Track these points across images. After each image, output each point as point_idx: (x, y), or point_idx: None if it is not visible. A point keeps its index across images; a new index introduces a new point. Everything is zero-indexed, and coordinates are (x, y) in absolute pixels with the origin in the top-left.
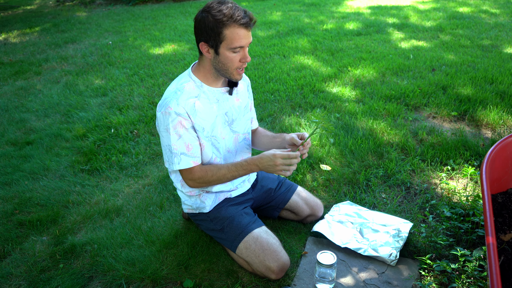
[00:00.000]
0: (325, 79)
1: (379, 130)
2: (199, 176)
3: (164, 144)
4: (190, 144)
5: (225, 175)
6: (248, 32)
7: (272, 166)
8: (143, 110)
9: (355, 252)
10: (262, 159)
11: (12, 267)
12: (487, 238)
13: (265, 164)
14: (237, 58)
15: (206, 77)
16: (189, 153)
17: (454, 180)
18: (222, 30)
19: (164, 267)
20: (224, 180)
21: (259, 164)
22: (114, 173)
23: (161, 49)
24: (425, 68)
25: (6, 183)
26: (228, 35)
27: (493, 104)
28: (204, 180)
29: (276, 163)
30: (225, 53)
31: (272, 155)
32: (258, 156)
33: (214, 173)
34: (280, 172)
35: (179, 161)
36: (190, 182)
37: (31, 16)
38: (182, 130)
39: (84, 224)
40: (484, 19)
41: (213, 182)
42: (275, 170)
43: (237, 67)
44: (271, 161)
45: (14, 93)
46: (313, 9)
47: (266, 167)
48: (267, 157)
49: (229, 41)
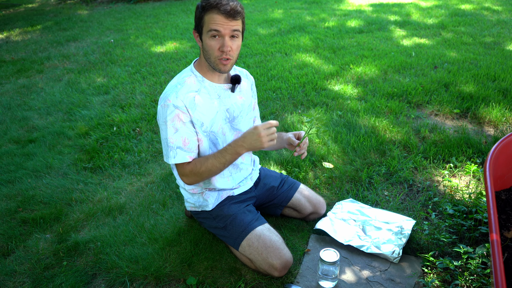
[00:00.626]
0: (327, 76)
1: (381, 128)
2: (190, 169)
3: (162, 137)
4: (187, 139)
5: (213, 164)
6: (227, 21)
7: (258, 140)
8: (145, 108)
9: (358, 250)
10: (245, 137)
11: (16, 264)
12: (491, 235)
13: (250, 140)
14: (216, 45)
15: (205, 71)
16: (185, 148)
17: (457, 177)
18: (203, 16)
19: (167, 265)
20: (214, 169)
21: (244, 143)
22: (117, 171)
23: (163, 47)
24: (427, 66)
25: (9, 181)
26: (206, 20)
27: (495, 102)
28: (195, 173)
29: (260, 134)
30: (206, 40)
31: (253, 128)
32: (240, 136)
33: (203, 163)
34: (267, 143)
35: (174, 155)
36: (184, 178)
37: (33, 14)
38: (179, 124)
39: (87, 222)
40: (486, 16)
41: (204, 174)
42: (262, 143)
43: (217, 55)
44: (255, 135)
45: (16, 91)
46: (314, 7)
47: (251, 142)
48: (249, 133)
49: (206, 25)
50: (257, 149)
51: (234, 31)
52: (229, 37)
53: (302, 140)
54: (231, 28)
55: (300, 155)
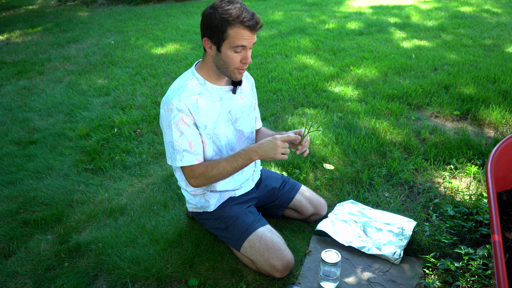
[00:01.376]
0: (327, 78)
1: (381, 130)
2: (200, 172)
3: (166, 140)
4: (192, 141)
5: (225, 167)
6: (252, 35)
7: (273, 150)
8: (146, 109)
9: (359, 251)
10: (262, 144)
11: (17, 265)
12: (493, 236)
13: (266, 148)
14: (238, 58)
15: (209, 75)
16: (192, 150)
17: (457, 179)
18: (226, 29)
19: (169, 266)
20: (225, 173)
21: (259, 150)
22: (118, 172)
23: (163, 49)
24: (427, 68)
25: (10, 182)
26: (231, 34)
27: (495, 103)
28: (205, 176)
29: (277, 144)
30: (226, 51)
31: (273, 137)
32: (256, 144)
33: (214, 166)
34: (280, 155)
35: (181, 158)
36: (192, 180)
37: (33, 16)
38: (184, 127)
39: (89, 223)
40: (486, 19)
41: (214, 177)
42: (276, 153)
43: (237, 67)
44: (272, 144)
45: (17, 92)
46: (314, 9)
47: (266, 151)
48: (267, 142)
49: (231, 40)
50: (269, 159)
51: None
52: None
53: (304, 138)
54: (253, 42)
55: (302, 153)
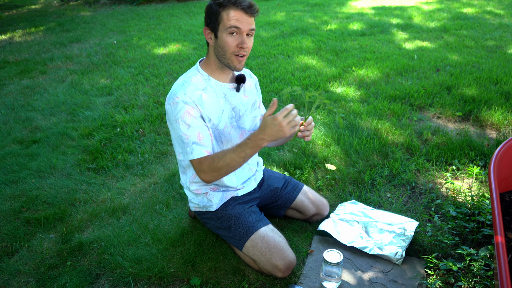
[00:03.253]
0: (329, 79)
1: (383, 130)
2: (207, 165)
3: (175, 136)
4: (200, 133)
5: (232, 158)
6: (247, 17)
7: (280, 130)
8: (148, 109)
9: (361, 251)
10: (265, 129)
11: (20, 264)
12: (496, 237)
13: (272, 131)
14: (234, 42)
15: (212, 70)
16: (201, 142)
17: (459, 179)
18: (220, 12)
19: (171, 265)
20: (233, 164)
21: (265, 136)
22: (120, 172)
23: (166, 49)
24: (430, 69)
25: (13, 181)
26: (224, 16)
27: (497, 105)
28: (213, 168)
29: (281, 124)
30: (222, 36)
31: (272, 118)
32: (259, 129)
33: (220, 158)
34: (290, 131)
35: (191, 151)
36: (201, 174)
37: (36, 15)
38: (191, 119)
39: (91, 222)
40: (489, 20)
41: (223, 169)
42: (285, 132)
43: (234, 51)
44: (276, 126)
45: (20, 92)
46: (317, 9)
47: (273, 134)
48: (269, 124)
49: (225, 22)
50: (280, 138)
51: (251, 30)
52: (245, 34)
53: (306, 119)
54: (249, 27)
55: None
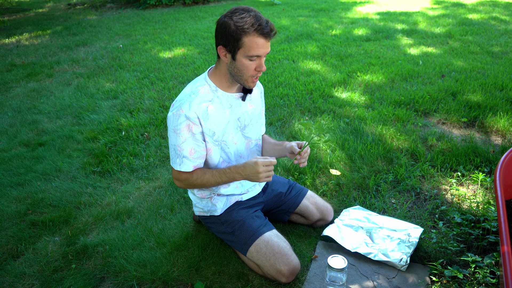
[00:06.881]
0: (334, 84)
1: (388, 136)
2: (185, 178)
3: (170, 143)
4: (193, 149)
5: (208, 180)
6: (267, 43)
7: (255, 174)
8: (153, 113)
9: (365, 257)
10: (245, 167)
11: (25, 266)
12: (502, 248)
13: (248, 173)
14: (253, 66)
15: (221, 82)
16: (191, 158)
17: (464, 186)
18: (241, 37)
19: (175, 269)
20: (207, 185)
21: (242, 173)
22: (125, 175)
23: (171, 53)
24: (435, 74)
25: (19, 184)
26: (246, 42)
27: (503, 111)
28: (188, 182)
29: (258, 170)
30: (241, 60)
31: (254, 163)
32: (241, 165)
33: (199, 176)
34: (263, 179)
35: (180, 163)
36: (176, 181)
37: (43, 19)
38: (189, 135)
39: (96, 225)
40: (494, 26)
41: (197, 186)
42: (259, 179)
43: (252, 75)
44: (254, 169)
45: (26, 94)
46: (322, 15)
47: (249, 175)
48: (249, 166)
49: (247, 49)
50: (252, 181)
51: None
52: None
53: (303, 149)
54: (267, 51)
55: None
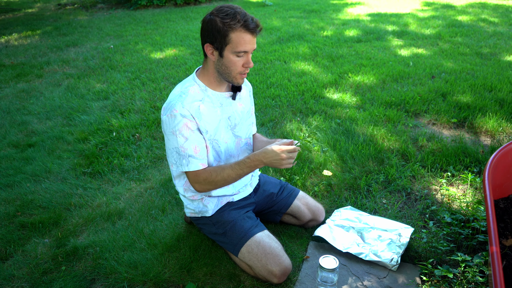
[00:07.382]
0: (325, 85)
1: (379, 136)
2: (204, 178)
3: (170, 147)
4: (197, 146)
5: (229, 174)
6: (253, 38)
7: (279, 161)
8: (144, 114)
9: (357, 257)
10: (267, 153)
11: (14, 269)
12: (490, 247)
13: (271, 159)
14: (240, 62)
15: (210, 81)
16: (197, 156)
17: (454, 186)
18: (228, 33)
19: (167, 270)
20: (229, 180)
21: (264, 159)
22: (116, 176)
23: (162, 54)
24: (425, 75)
25: (8, 185)
26: (234, 38)
27: (492, 112)
28: (209, 181)
29: (282, 157)
30: (229, 56)
31: (278, 149)
32: (261, 151)
33: (219, 173)
34: (286, 166)
35: (187, 163)
36: (196, 185)
37: (32, 19)
38: (188, 132)
39: (86, 227)
40: (483, 28)
41: (219, 183)
42: (282, 165)
43: (240, 71)
44: (278, 156)
45: (15, 95)
46: (313, 16)
47: (272, 161)
48: (272, 152)
49: (234, 45)
50: (273, 167)
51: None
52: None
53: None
54: (254, 47)
55: None
